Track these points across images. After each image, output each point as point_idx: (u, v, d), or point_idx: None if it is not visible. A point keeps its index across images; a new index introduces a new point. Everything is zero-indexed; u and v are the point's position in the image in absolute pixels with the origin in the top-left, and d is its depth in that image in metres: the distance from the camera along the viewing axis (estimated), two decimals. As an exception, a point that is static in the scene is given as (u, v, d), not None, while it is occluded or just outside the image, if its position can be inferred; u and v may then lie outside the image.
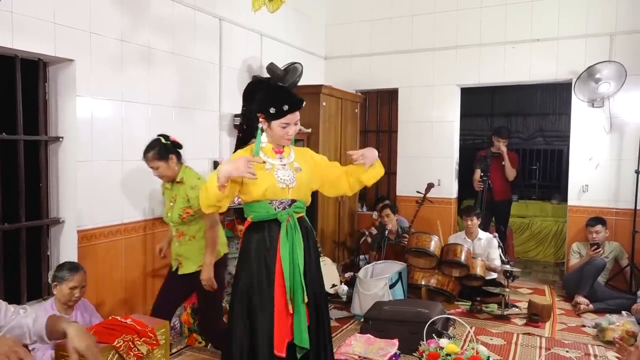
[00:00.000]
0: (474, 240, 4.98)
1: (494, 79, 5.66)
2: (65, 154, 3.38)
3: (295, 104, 2.35)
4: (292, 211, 2.36)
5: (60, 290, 2.80)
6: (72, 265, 2.90)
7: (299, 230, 2.34)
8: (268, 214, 2.35)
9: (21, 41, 2.96)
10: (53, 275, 2.84)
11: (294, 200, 2.37)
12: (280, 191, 2.34)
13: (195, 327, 3.60)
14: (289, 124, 2.34)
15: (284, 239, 2.31)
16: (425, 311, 3.65)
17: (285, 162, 2.40)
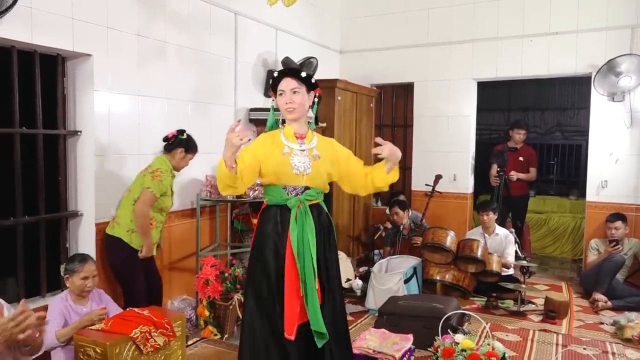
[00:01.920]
0: (490, 235, 4.94)
1: (512, 73, 5.59)
2: (83, 148, 3.42)
3: (284, 70, 2.41)
4: (304, 198, 2.36)
5: (72, 282, 2.84)
6: (81, 256, 2.94)
7: (310, 216, 2.34)
8: (281, 198, 2.37)
9: (40, 37, 3.00)
10: (64, 269, 2.88)
11: (308, 187, 2.37)
12: (293, 177, 2.35)
13: (210, 319, 3.63)
14: (284, 91, 2.36)
15: (293, 224, 2.32)
16: (440, 306, 3.63)
17: (305, 148, 2.39)
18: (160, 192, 3.35)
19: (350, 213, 5.62)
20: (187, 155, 3.55)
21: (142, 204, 3.28)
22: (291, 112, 2.38)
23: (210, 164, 4.31)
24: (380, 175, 2.42)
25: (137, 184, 3.36)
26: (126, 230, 3.31)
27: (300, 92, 2.37)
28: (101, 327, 2.12)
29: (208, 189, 4.07)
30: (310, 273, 2.28)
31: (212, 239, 4.41)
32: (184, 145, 3.50)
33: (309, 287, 2.28)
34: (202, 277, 3.61)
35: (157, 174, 3.33)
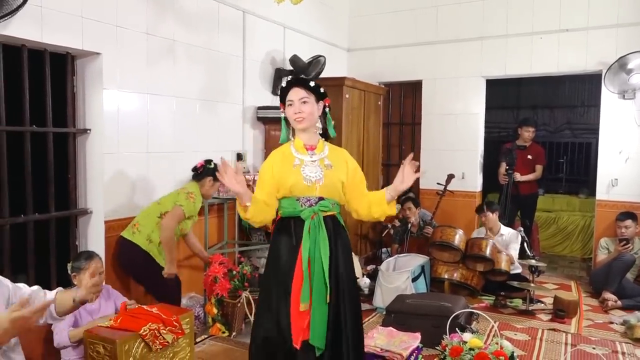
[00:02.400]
0: (495, 236, 4.91)
1: (521, 71, 5.55)
2: (92, 146, 3.44)
3: (292, 80, 2.37)
4: (318, 209, 2.31)
5: (80, 280, 2.85)
6: (87, 253, 2.94)
7: (324, 229, 2.29)
8: (294, 210, 2.32)
9: (50, 35, 3.02)
10: (71, 267, 2.89)
11: (322, 198, 2.33)
12: (306, 188, 2.30)
13: (218, 317, 3.65)
14: (292, 101, 2.33)
15: (305, 236, 2.27)
16: (448, 305, 3.62)
17: (316, 159, 2.35)
18: (190, 213, 3.45)
19: (358, 211, 5.61)
20: (216, 183, 3.64)
21: (171, 218, 3.36)
22: (300, 121, 2.33)
23: (217, 162, 4.32)
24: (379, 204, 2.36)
25: (170, 199, 3.47)
26: (146, 238, 3.34)
27: (309, 102, 2.33)
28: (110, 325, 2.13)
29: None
30: (321, 287, 2.25)
31: (220, 237, 4.43)
32: (212, 174, 3.55)
33: (316, 301, 2.25)
34: (210, 274, 3.63)
35: (192, 196, 3.46)
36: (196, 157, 4.12)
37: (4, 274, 2.97)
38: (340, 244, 2.37)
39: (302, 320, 2.25)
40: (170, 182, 3.90)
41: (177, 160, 3.96)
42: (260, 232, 4.70)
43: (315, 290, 2.25)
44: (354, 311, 2.39)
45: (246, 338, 3.54)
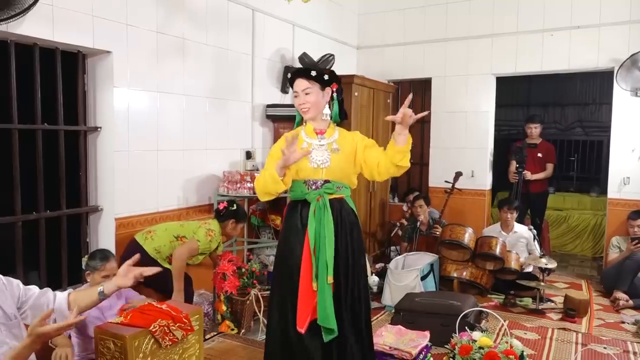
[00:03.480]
0: (509, 233, 4.88)
1: (531, 68, 5.51)
2: (103, 144, 3.47)
3: (296, 71, 2.46)
4: (323, 192, 2.37)
5: (93, 279, 2.87)
6: (103, 254, 2.95)
7: (329, 211, 2.34)
8: (302, 193, 2.40)
9: (61, 34, 3.04)
10: (86, 264, 2.91)
11: (327, 180, 2.39)
12: (312, 171, 2.38)
13: (228, 314, 3.66)
14: (297, 92, 2.41)
15: (311, 218, 2.34)
16: (457, 303, 3.61)
17: (324, 143, 2.42)
18: (204, 250, 3.46)
19: (366, 209, 5.61)
20: (238, 225, 3.66)
21: (185, 249, 3.34)
22: (305, 112, 2.43)
23: (227, 160, 4.34)
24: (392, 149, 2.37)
25: (191, 228, 3.47)
26: (155, 248, 3.36)
27: (313, 92, 2.40)
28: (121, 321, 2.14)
29: (225, 184, 4.09)
30: (324, 268, 2.29)
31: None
32: (234, 216, 3.60)
33: (322, 282, 2.29)
34: (219, 272, 3.64)
35: (211, 234, 3.46)
36: (206, 155, 4.14)
37: (16, 271, 3.02)
38: (348, 226, 2.41)
39: (310, 301, 2.30)
40: (180, 179, 3.92)
41: (186, 158, 3.97)
42: (269, 230, 4.71)
43: (321, 271, 2.30)
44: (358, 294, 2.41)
45: (255, 335, 3.57)
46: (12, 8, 2.57)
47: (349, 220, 2.44)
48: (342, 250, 2.38)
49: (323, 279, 2.30)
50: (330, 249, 2.31)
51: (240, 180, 4.04)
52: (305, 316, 2.30)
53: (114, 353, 2.07)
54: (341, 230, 2.39)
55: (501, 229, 4.93)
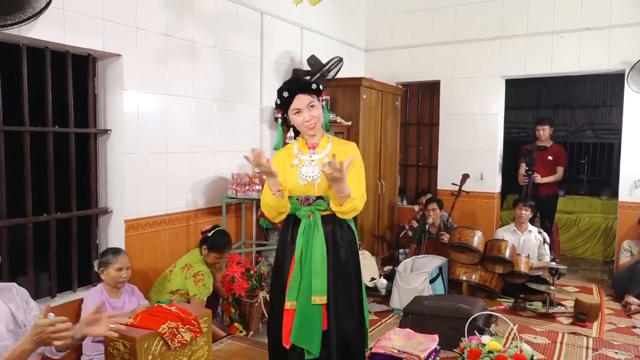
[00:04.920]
0: (523, 232, 4.86)
1: (541, 70, 5.48)
2: (112, 146, 3.49)
3: (293, 88, 2.29)
4: (315, 208, 2.29)
5: (107, 274, 2.92)
6: (114, 249, 3.04)
7: (320, 229, 2.26)
8: (294, 209, 2.33)
9: (72, 37, 3.07)
10: (98, 262, 2.96)
11: (321, 197, 2.29)
12: (302, 188, 2.29)
13: (236, 316, 3.67)
14: (299, 109, 2.27)
15: (299, 236, 2.28)
16: (466, 307, 3.58)
17: (315, 158, 2.32)
18: (208, 293, 3.37)
19: (375, 212, 5.60)
20: (211, 254, 3.49)
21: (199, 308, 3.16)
22: (312, 128, 2.29)
23: (236, 163, 4.35)
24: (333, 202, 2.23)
25: (178, 279, 3.34)
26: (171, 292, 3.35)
27: (316, 104, 2.30)
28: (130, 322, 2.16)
29: (234, 187, 4.10)
30: (308, 288, 2.23)
31: (237, 237, 4.45)
32: (206, 242, 3.49)
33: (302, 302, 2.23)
34: (228, 274, 3.65)
35: (199, 278, 3.33)
36: (214, 157, 4.16)
37: (27, 272, 3.05)
38: (341, 245, 2.32)
39: (291, 320, 2.26)
40: (189, 182, 3.94)
41: (195, 161, 3.99)
42: (278, 233, 4.71)
43: (303, 290, 2.24)
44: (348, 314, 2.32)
45: (263, 337, 3.56)
46: (24, 12, 2.60)
47: (344, 239, 2.33)
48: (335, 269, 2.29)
49: (305, 299, 2.23)
50: (317, 268, 2.23)
51: (248, 183, 4.05)
52: (288, 333, 2.26)
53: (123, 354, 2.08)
54: (334, 249, 2.30)
55: (515, 228, 4.90)
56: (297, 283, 2.25)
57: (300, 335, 2.23)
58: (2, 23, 2.58)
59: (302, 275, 2.25)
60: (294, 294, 2.25)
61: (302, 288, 2.25)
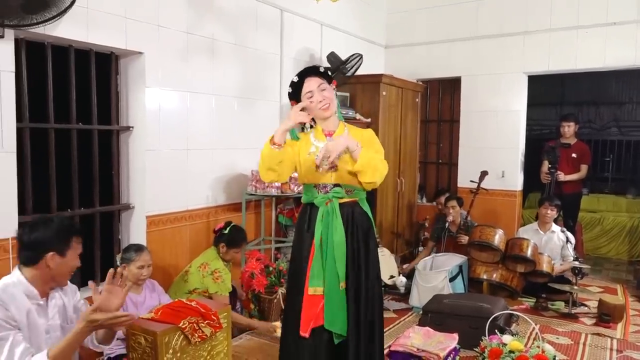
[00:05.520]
0: (546, 232, 4.78)
1: (565, 66, 5.37)
2: (134, 143, 3.54)
3: (302, 72, 2.37)
4: (332, 195, 2.31)
5: (129, 270, 2.96)
6: (137, 246, 3.07)
7: (338, 216, 2.29)
8: (311, 197, 2.36)
9: (95, 36, 3.12)
10: (121, 258, 3.00)
11: (338, 184, 2.33)
12: (319, 175, 2.32)
13: (255, 312, 3.69)
14: (312, 91, 2.32)
15: (318, 223, 2.30)
16: (487, 306, 3.54)
17: None
18: (228, 289, 3.37)
19: (394, 209, 5.57)
20: (230, 250, 3.49)
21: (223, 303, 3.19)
22: (327, 108, 2.33)
23: (256, 159, 4.33)
24: None
25: (196, 279, 3.33)
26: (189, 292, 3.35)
27: (327, 87, 2.35)
28: (152, 317, 2.18)
29: (254, 183, 4.12)
30: (333, 274, 2.26)
31: (257, 233, 4.48)
32: (224, 240, 3.48)
33: (329, 287, 2.27)
34: (247, 270, 3.67)
35: (217, 276, 3.33)
36: (234, 154, 4.19)
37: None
38: (359, 232, 2.35)
39: (314, 307, 2.28)
40: (209, 178, 3.97)
41: (215, 157, 4.02)
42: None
43: (328, 276, 2.27)
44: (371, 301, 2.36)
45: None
46: (49, 11, 2.64)
47: (362, 225, 2.36)
48: (354, 256, 2.33)
49: (332, 285, 2.27)
50: (339, 254, 2.27)
51: (268, 180, 4.06)
52: (309, 321, 2.28)
53: (144, 348, 2.11)
54: (352, 236, 2.33)
55: (538, 228, 4.83)
56: (320, 269, 2.28)
57: (332, 319, 2.27)
58: (28, 22, 2.63)
59: (326, 261, 2.28)
60: (318, 280, 2.28)
61: (328, 274, 2.27)
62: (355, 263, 2.34)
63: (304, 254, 2.35)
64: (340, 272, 2.27)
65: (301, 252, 2.37)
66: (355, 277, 2.34)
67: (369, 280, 2.37)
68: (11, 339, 1.76)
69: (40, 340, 1.91)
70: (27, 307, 1.90)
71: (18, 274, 1.93)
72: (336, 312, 2.28)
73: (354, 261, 2.34)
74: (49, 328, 1.98)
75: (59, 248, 1.93)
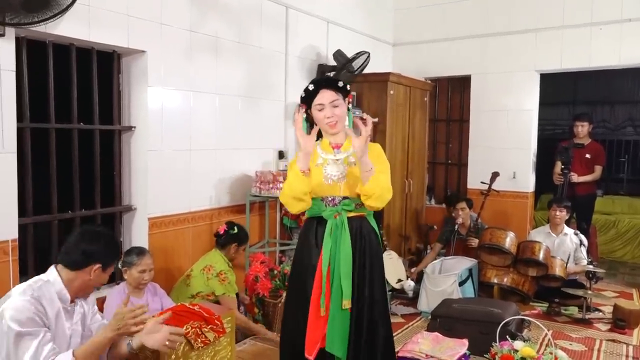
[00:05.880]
0: (558, 235, 4.76)
1: (578, 64, 5.35)
2: (136, 143, 3.55)
3: (319, 81, 2.30)
4: (341, 209, 2.28)
5: (130, 274, 2.97)
6: (139, 249, 3.07)
7: (347, 230, 2.26)
8: (318, 210, 2.32)
9: (97, 34, 3.13)
10: (122, 261, 3.01)
11: (347, 197, 2.30)
12: (327, 188, 2.29)
13: (259, 316, 3.69)
14: (323, 105, 2.26)
15: (327, 238, 2.27)
16: (497, 311, 3.53)
17: (340, 157, 2.31)
18: (235, 289, 3.41)
19: (402, 211, 5.56)
20: (240, 248, 3.59)
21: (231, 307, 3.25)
22: (333, 126, 2.29)
23: (260, 160, 4.38)
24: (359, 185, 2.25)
25: (200, 282, 3.35)
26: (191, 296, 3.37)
27: (340, 103, 2.28)
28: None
29: (258, 185, 4.13)
30: (338, 292, 2.23)
31: (261, 236, 4.48)
32: (235, 239, 3.53)
33: (334, 306, 2.23)
34: (251, 273, 3.67)
35: (223, 277, 3.35)
36: (238, 155, 4.19)
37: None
38: (367, 249, 2.32)
39: (319, 328, 2.23)
40: (212, 179, 3.98)
41: (219, 158, 4.03)
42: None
43: (334, 295, 2.24)
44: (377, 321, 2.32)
45: (287, 339, 3.58)
46: (50, 9, 2.66)
47: (370, 242, 2.33)
48: (360, 274, 2.30)
49: (336, 304, 2.23)
50: (345, 271, 2.24)
51: (272, 181, 4.07)
52: (315, 342, 2.24)
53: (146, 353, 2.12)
54: (360, 253, 2.30)
55: (550, 230, 4.81)
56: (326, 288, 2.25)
57: (333, 341, 2.22)
58: (30, 20, 2.65)
59: (333, 279, 2.25)
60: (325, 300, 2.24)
61: (334, 293, 2.24)
62: (362, 282, 2.30)
63: (309, 271, 2.30)
64: (345, 290, 2.23)
65: (306, 270, 2.33)
66: (360, 298, 2.29)
67: (375, 301, 2.32)
68: (41, 336, 1.82)
69: (63, 343, 1.96)
70: (58, 306, 1.96)
71: (55, 274, 1.99)
72: (337, 333, 2.23)
73: (360, 280, 2.29)
74: (72, 333, 2.03)
75: (105, 263, 2.06)
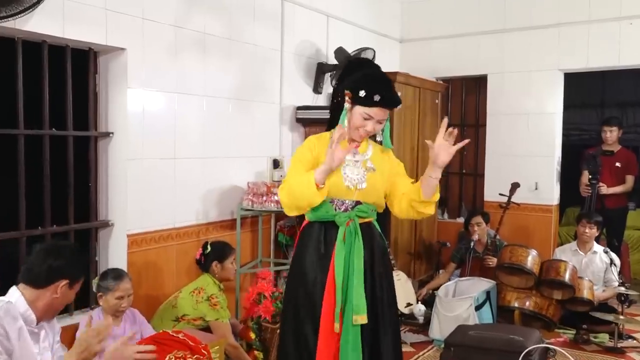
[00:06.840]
0: (587, 253, 4.76)
1: (606, 63, 5.39)
2: (115, 151, 3.56)
3: (388, 99, 2.33)
4: (355, 214, 2.33)
5: (106, 300, 2.94)
6: (116, 272, 3.04)
7: (360, 238, 2.30)
8: (327, 214, 2.34)
9: (72, 30, 3.15)
10: (97, 285, 2.99)
11: (359, 202, 2.34)
12: (345, 190, 2.33)
13: (256, 342, 3.65)
14: (371, 117, 2.31)
15: (339, 245, 2.29)
16: (519, 339, 3.52)
17: (359, 159, 2.38)
18: (227, 315, 3.44)
19: (411, 227, 5.56)
20: (224, 263, 3.60)
21: (226, 335, 3.29)
22: (364, 136, 2.38)
23: (252, 170, 4.39)
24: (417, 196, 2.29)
25: (188, 304, 3.39)
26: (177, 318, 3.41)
27: (384, 122, 2.39)
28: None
29: (250, 197, 4.13)
30: (349, 306, 2.25)
31: (253, 254, 4.48)
32: (213, 257, 3.57)
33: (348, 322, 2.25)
34: (253, 292, 3.63)
35: (214, 302, 3.39)
36: (228, 164, 4.20)
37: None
38: (377, 256, 2.37)
39: (332, 345, 2.25)
40: (199, 191, 3.98)
41: (207, 167, 4.04)
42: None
43: (348, 309, 2.25)
44: (393, 336, 2.37)
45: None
46: (20, 3, 2.68)
47: (380, 249, 2.40)
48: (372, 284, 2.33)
49: (348, 319, 2.25)
50: (358, 282, 2.26)
51: (266, 193, 4.08)
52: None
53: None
54: (371, 261, 2.34)
55: (577, 248, 4.81)
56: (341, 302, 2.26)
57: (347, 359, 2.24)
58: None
59: (347, 292, 2.27)
60: None
61: (348, 306, 2.25)
62: (375, 295, 2.32)
63: (317, 283, 2.31)
64: (361, 304, 2.25)
65: (313, 281, 2.33)
66: (373, 313, 2.31)
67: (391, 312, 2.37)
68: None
69: None
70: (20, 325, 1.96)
71: (18, 294, 2.01)
72: (354, 351, 2.25)
73: (374, 293, 2.32)
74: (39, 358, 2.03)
75: (72, 279, 2.06)
